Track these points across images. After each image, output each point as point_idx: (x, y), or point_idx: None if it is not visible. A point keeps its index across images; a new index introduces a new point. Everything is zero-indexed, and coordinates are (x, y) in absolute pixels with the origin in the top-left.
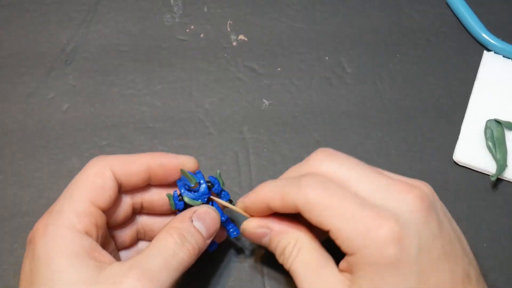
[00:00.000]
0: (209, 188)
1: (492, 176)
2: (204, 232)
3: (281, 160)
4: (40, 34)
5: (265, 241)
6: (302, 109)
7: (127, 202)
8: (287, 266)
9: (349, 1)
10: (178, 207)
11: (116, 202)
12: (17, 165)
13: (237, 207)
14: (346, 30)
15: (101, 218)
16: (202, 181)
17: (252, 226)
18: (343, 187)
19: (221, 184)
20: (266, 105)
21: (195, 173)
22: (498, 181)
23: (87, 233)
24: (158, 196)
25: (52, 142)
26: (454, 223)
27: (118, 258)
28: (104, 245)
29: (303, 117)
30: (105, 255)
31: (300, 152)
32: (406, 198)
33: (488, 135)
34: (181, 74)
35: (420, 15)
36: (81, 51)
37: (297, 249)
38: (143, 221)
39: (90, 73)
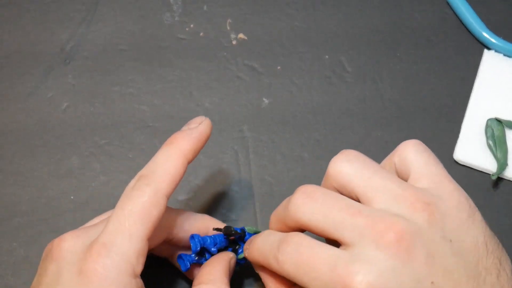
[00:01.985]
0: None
1: (492, 175)
2: None
3: (281, 159)
4: (39, 33)
5: None
6: (302, 108)
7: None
8: None
9: (350, 0)
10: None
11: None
12: (16, 165)
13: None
14: (347, 29)
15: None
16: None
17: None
18: (318, 242)
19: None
20: (266, 104)
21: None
22: (499, 180)
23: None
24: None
25: (52, 142)
26: (465, 238)
27: None
28: None
29: (303, 116)
30: None
31: (300, 151)
32: (381, 244)
33: (488, 134)
34: (181, 73)
35: (420, 14)
36: (81, 50)
37: None
38: None
39: (89, 72)
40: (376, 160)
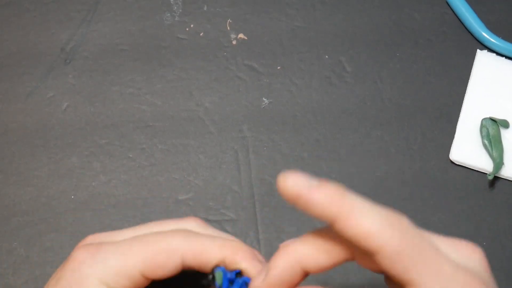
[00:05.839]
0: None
1: (489, 175)
2: None
3: (281, 159)
4: (39, 33)
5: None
6: (302, 108)
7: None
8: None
9: (349, 0)
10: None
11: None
12: (16, 164)
13: None
14: (346, 29)
15: (142, 285)
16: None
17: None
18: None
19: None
20: (266, 104)
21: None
22: (496, 179)
23: None
24: None
25: (52, 141)
26: None
27: None
28: None
29: (303, 116)
30: None
31: (299, 151)
32: (475, 258)
33: (483, 134)
34: (181, 73)
35: (420, 15)
36: (81, 50)
37: None
38: None
39: (89, 72)
40: (375, 160)
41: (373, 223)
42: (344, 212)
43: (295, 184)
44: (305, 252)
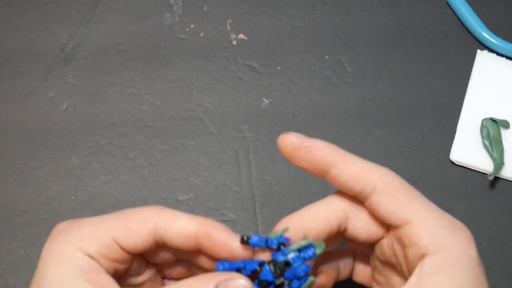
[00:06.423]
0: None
1: (489, 175)
2: None
3: (281, 158)
4: (39, 33)
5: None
6: (302, 108)
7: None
8: None
9: (349, 0)
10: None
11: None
12: (16, 164)
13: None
14: (346, 29)
15: (120, 256)
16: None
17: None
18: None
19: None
20: (266, 104)
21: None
22: (496, 179)
23: (91, 257)
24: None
25: (52, 141)
26: None
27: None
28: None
29: (303, 116)
30: (107, 280)
31: None
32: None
33: (484, 134)
34: (181, 73)
35: (420, 15)
36: (81, 50)
37: None
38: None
39: (89, 72)
40: (375, 160)
41: (367, 164)
42: (341, 156)
43: (297, 137)
44: (306, 218)
